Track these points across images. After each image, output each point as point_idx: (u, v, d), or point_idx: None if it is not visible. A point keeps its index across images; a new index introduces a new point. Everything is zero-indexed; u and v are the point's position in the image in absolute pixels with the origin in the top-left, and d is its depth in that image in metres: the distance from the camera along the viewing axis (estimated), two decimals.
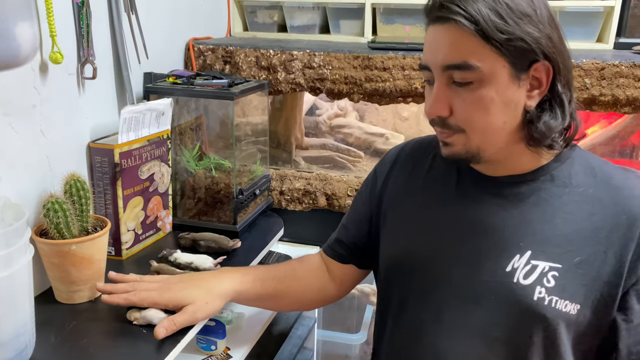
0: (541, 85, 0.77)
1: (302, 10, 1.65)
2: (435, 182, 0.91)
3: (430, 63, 0.78)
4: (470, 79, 0.74)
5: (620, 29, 1.43)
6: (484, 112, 0.76)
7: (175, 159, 1.28)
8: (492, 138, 0.78)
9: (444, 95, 0.77)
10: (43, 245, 0.91)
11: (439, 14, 0.75)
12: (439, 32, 0.76)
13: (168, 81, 1.25)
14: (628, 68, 1.21)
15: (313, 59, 1.38)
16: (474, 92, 0.75)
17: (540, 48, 0.74)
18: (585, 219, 0.79)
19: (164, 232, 1.25)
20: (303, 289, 1.02)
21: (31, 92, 0.94)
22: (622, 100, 1.23)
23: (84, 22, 1.03)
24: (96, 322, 0.90)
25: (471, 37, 0.73)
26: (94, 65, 1.06)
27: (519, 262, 0.79)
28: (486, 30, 0.72)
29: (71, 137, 1.05)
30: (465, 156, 0.80)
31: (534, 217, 0.81)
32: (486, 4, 0.72)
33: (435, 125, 0.81)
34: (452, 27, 0.74)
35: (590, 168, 0.83)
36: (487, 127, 0.77)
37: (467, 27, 0.72)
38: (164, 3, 1.33)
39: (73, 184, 0.94)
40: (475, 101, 0.75)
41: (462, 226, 0.85)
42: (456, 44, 0.74)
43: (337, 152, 1.79)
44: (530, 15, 0.73)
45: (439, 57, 0.76)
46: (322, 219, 1.49)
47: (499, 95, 0.75)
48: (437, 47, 0.76)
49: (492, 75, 0.74)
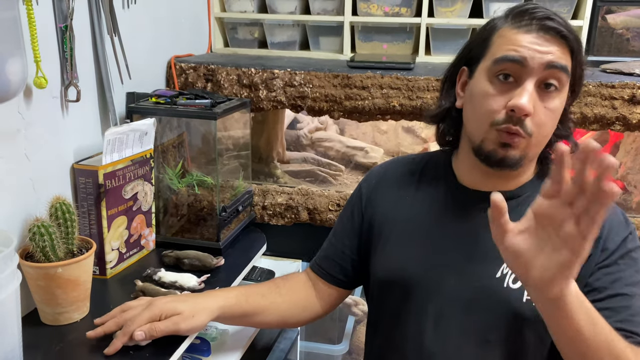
0: None
1: (282, 27, 1.68)
2: (424, 199, 0.96)
3: (532, 59, 0.80)
4: (557, 86, 0.82)
5: (588, 48, 1.49)
6: (553, 121, 0.84)
7: (158, 177, 1.30)
8: (541, 147, 0.87)
9: (534, 95, 0.82)
10: (29, 268, 0.92)
11: (546, 24, 0.82)
12: (545, 38, 0.81)
13: (151, 101, 1.27)
14: (595, 87, 1.27)
15: (294, 78, 1.41)
16: (555, 99, 0.83)
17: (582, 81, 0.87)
18: None
19: (148, 250, 1.26)
20: (287, 305, 1.04)
21: (15, 117, 0.95)
22: (590, 117, 1.28)
23: (67, 46, 1.04)
24: (82, 343, 0.91)
25: (569, 52, 0.82)
26: (77, 88, 1.07)
27: (508, 268, 0.86)
28: (577, 54, 0.83)
29: (55, 159, 1.06)
30: (518, 161, 0.84)
31: None
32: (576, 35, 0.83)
33: (511, 124, 0.81)
34: (559, 39, 0.81)
35: None
36: (548, 134, 0.85)
37: (569, 47, 0.82)
38: (145, 21, 1.35)
39: (59, 207, 0.95)
40: (554, 108, 0.83)
41: (453, 239, 0.90)
42: (563, 52, 0.82)
43: (319, 166, 1.82)
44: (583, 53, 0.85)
45: (547, 56, 0.80)
46: (304, 233, 1.51)
47: (562, 108, 0.85)
48: (544, 48, 0.81)
49: (565, 89, 0.84)
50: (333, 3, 1.63)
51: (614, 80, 1.26)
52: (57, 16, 1.02)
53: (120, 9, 1.22)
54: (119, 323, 0.90)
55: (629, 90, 1.25)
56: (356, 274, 1.05)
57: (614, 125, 1.29)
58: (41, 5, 0.96)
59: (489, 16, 1.53)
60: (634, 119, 1.26)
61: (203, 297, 0.98)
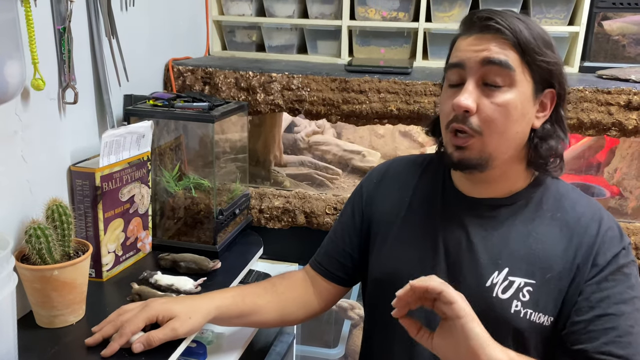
0: (545, 110, 0.86)
1: (280, 31, 1.69)
2: (422, 202, 0.97)
3: (468, 59, 0.83)
4: (502, 81, 0.81)
5: (584, 53, 1.50)
6: (506, 116, 0.82)
7: (155, 179, 1.29)
8: (504, 146, 0.84)
9: (475, 92, 0.82)
10: (25, 271, 0.91)
11: (485, 24, 0.82)
12: (482, 37, 0.83)
13: (148, 103, 1.27)
14: (592, 93, 1.27)
15: (292, 81, 1.41)
16: (503, 94, 0.81)
17: (557, 76, 0.84)
18: (555, 239, 0.87)
19: (144, 252, 1.26)
20: (284, 304, 1.04)
21: (13, 119, 0.94)
22: (586, 123, 1.29)
23: (65, 48, 1.04)
24: (78, 346, 0.91)
25: (512, 48, 0.81)
26: (75, 90, 1.07)
27: (498, 278, 0.86)
28: (524, 45, 0.81)
29: (52, 161, 1.06)
30: (477, 162, 0.85)
31: (510, 237, 0.88)
32: (524, 25, 0.82)
33: (456, 123, 0.84)
34: (496, 36, 0.82)
35: (559, 194, 0.91)
36: (504, 132, 0.83)
37: (511, 40, 0.81)
38: (143, 24, 1.35)
39: (55, 209, 0.95)
40: (502, 103, 0.82)
41: (447, 244, 0.91)
42: (500, 47, 0.81)
43: (316, 169, 1.82)
44: (552, 46, 0.84)
45: (481, 53, 0.82)
46: (301, 237, 1.51)
47: (521, 104, 0.82)
48: (480, 47, 0.82)
49: (519, 84, 0.82)
50: (331, 7, 1.63)
51: (610, 86, 1.27)
52: (55, 18, 1.01)
53: (119, 11, 1.22)
54: (117, 326, 0.90)
55: (624, 96, 1.26)
56: (356, 272, 1.06)
57: (610, 131, 1.29)
58: (39, 6, 0.95)
59: None
60: (629, 125, 1.27)
61: (199, 298, 0.98)
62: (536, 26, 0.84)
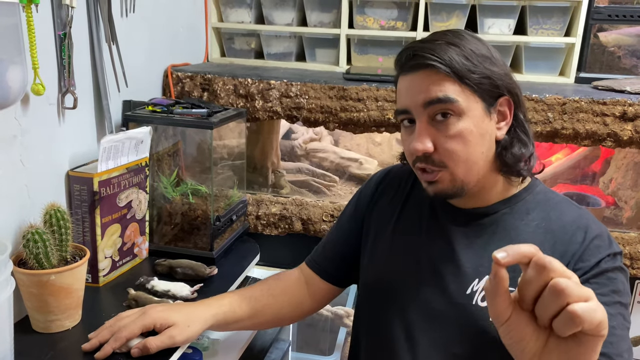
0: (506, 118, 0.86)
1: (279, 38, 1.70)
2: (411, 210, 0.98)
3: (410, 105, 0.84)
4: (450, 112, 0.81)
5: (580, 64, 1.52)
6: (464, 144, 0.82)
7: (152, 185, 1.30)
8: (474, 169, 0.85)
9: (427, 132, 0.83)
10: (22, 275, 0.91)
11: (414, 63, 0.82)
12: (416, 77, 0.83)
13: (147, 109, 1.27)
14: (587, 104, 1.29)
15: (290, 89, 1.42)
16: (454, 125, 0.82)
17: (503, 84, 0.84)
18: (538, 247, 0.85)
19: (141, 258, 1.26)
20: (280, 305, 1.05)
21: (12, 123, 0.95)
22: (582, 133, 1.30)
23: (65, 54, 1.05)
24: (74, 351, 0.91)
25: (448, 78, 0.81)
26: (74, 95, 1.07)
27: (478, 285, 0.86)
28: (459, 72, 0.80)
29: (50, 166, 1.06)
30: (452, 191, 0.86)
31: (492, 245, 0.88)
32: (454, 51, 0.81)
33: (420, 162, 0.85)
34: (428, 72, 0.82)
35: (548, 204, 0.90)
36: (469, 157, 0.83)
37: (444, 71, 0.80)
38: (143, 30, 1.36)
39: (53, 213, 0.95)
40: (456, 134, 0.82)
41: (431, 253, 0.92)
42: (435, 83, 0.81)
43: (313, 176, 1.83)
44: (488, 56, 0.84)
45: (420, 97, 0.82)
46: (297, 244, 1.51)
47: (476, 127, 0.82)
48: (416, 89, 0.83)
49: (468, 109, 0.82)
50: (330, 15, 1.64)
51: (605, 97, 1.28)
52: (56, 24, 1.02)
53: (119, 17, 1.23)
54: (113, 331, 0.90)
55: (620, 107, 1.27)
56: (351, 273, 1.07)
57: (605, 142, 1.30)
58: (41, 12, 0.96)
59: (484, 31, 1.55)
60: (624, 136, 1.28)
61: (196, 306, 0.98)
62: (470, 42, 0.83)
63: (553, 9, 1.50)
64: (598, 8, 1.47)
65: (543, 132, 1.32)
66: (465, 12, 1.55)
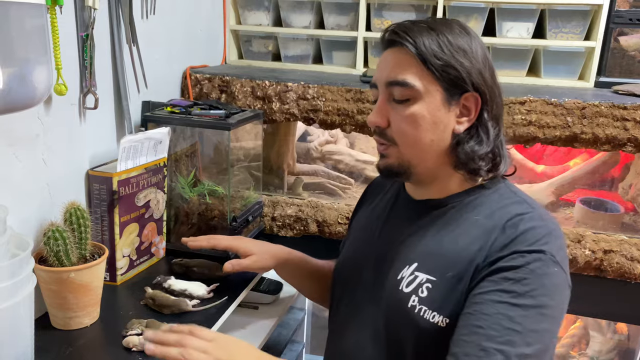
0: (470, 114, 0.86)
1: (296, 41, 1.70)
2: (381, 204, 1.04)
3: (376, 80, 0.89)
4: (407, 96, 0.84)
5: (600, 69, 1.50)
6: (414, 127, 0.85)
7: (170, 185, 1.31)
8: (421, 154, 0.87)
9: (384, 108, 0.87)
10: (42, 272, 0.93)
11: (389, 38, 0.87)
12: (388, 54, 0.88)
13: (166, 110, 1.29)
14: (607, 108, 1.27)
15: (307, 91, 1.42)
16: (408, 108, 0.85)
17: (470, 79, 0.84)
18: (469, 242, 0.84)
19: (158, 257, 1.27)
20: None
21: (35, 123, 0.97)
22: (602, 138, 1.29)
23: (87, 55, 1.06)
24: (92, 348, 0.92)
25: (412, 60, 0.84)
26: (95, 96, 1.09)
27: (406, 272, 0.88)
28: (425, 55, 0.83)
29: (71, 165, 1.08)
30: (398, 169, 0.89)
31: (428, 234, 0.89)
32: (429, 36, 0.84)
33: (376, 135, 0.90)
34: (398, 50, 0.85)
35: (498, 203, 0.88)
36: (417, 141, 0.86)
37: (410, 51, 0.83)
38: (163, 32, 1.37)
39: (73, 212, 0.97)
40: (408, 116, 0.85)
41: (383, 239, 0.97)
42: (400, 64, 0.85)
43: (328, 179, 1.83)
44: (466, 50, 0.85)
45: (384, 74, 0.87)
46: (312, 246, 1.51)
47: (429, 114, 0.84)
48: (384, 66, 0.87)
49: (426, 95, 0.84)
50: (347, 18, 1.65)
51: (626, 102, 1.27)
52: (79, 25, 1.04)
53: (140, 19, 1.25)
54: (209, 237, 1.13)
55: None
56: None
57: (626, 147, 1.29)
58: (64, 14, 0.98)
59: (502, 35, 1.55)
60: None
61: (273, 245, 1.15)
62: (450, 33, 0.84)
63: (573, 13, 1.49)
64: (619, 12, 1.45)
65: (562, 136, 1.31)
66: (483, 16, 1.54)
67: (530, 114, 1.31)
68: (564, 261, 0.81)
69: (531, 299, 0.76)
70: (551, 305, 0.77)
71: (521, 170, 1.83)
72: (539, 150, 1.86)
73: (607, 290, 1.35)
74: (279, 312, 1.39)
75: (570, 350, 2.12)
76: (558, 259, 0.79)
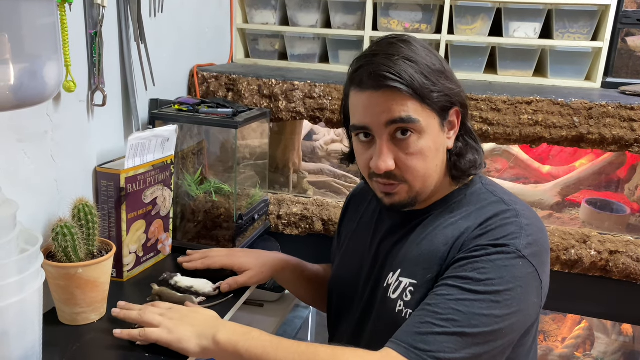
0: (454, 127, 0.90)
1: (303, 40, 1.71)
2: (367, 214, 1.06)
3: (371, 123, 0.85)
4: (411, 130, 0.84)
5: (607, 69, 1.50)
6: (423, 160, 0.85)
7: (177, 182, 1.31)
8: (429, 182, 0.88)
9: (389, 149, 0.85)
10: (50, 268, 0.93)
11: (375, 82, 0.83)
12: (377, 96, 0.84)
13: (173, 108, 1.29)
14: (614, 108, 1.27)
15: (314, 90, 1.43)
16: (415, 143, 0.84)
17: (458, 99, 0.87)
18: (444, 242, 0.87)
19: (164, 254, 1.28)
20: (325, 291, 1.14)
21: (44, 119, 0.97)
22: (608, 139, 1.28)
23: (96, 52, 1.07)
24: (99, 344, 0.93)
25: (409, 99, 0.83)
26: (103, 93, 1.09)
27: (392, 278, 0.91)
28: (421, 92, 0.82)
29: (79, 161, 1.08)
30: (408, 202, 0.90)
31: (409, 239, 0.92)
32: (413, 69, 0.82)
33: (380, 178, 0.88)
34: (390, 92, 0.83)
35: (476, 203, 0.90)
36: (427, 172, 0.87)
37: (406, 92, 0.82)
38: (171, 31, 1.38)
39: (82, 208, 0.97)
40: (417, 152, 0.85)
41: (372, 251, 0.99)
42: (398, 103, 0.83)
43: (334, 177, 1.83)
44: (443, 71, 0.86)
45: (382, 116, 0.83)
46: (317, 244, 1.52)
47: (434, 143, 0.86)
48: (378, 109, 0.84)
49: (427, 127, 0.84)
50: (354, 17, 1.65)
51: (633, 102, 1.27)
52: (87, 22, 1.04)
53: (148, 17, 1.25)
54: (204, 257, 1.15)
55: None
56: None
57: (633, 147, 1.29)
58: (74, 11, 0.98)
59: (509, 35, 1.54)
60: None
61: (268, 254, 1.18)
62: (423, 58, 0.84)
63: (580, 13, 1.49)
64: (627, 12, 1.45)
65: (568, 136, 1.31)
66: (490, 16, 1.54)
67: (536, 114, 1.31)
68: (535, 256, 0.81)
69: (484, 286, 0.78)
70: (507, 294, 0.78)
71: (527, 171, 1.82)
72: (545, 151, 1.86)
73: (612, 291, 1.35)
74: (284, 310, 1.40)
75: (575, 351, 2.12)
76: (525, 254, 0.80)
